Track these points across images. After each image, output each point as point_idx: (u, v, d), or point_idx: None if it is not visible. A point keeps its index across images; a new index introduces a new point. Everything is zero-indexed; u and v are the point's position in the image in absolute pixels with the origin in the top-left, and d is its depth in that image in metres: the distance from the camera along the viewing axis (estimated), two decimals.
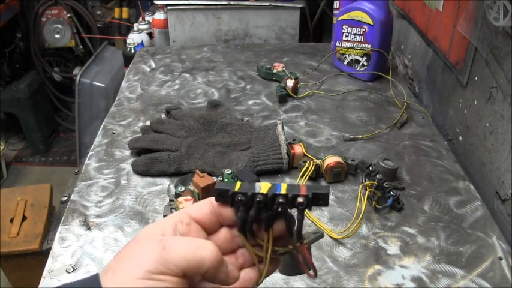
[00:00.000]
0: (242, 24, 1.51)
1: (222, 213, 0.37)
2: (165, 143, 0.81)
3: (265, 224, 0.36)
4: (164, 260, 0.32)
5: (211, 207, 0.37)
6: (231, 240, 0.37)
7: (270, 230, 0.36)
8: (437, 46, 1.03)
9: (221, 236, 0.37)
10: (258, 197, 0.35)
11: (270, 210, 0.35)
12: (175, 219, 0.36)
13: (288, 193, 0.35)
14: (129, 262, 0.32)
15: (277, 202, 0.35)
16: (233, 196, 0.35)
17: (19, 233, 1.50)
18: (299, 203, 0.35)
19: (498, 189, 0.76)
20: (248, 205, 0.35)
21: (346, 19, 1.09)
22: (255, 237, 0.37)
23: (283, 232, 0.36)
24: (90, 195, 0.75)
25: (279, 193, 0.35)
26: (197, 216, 0.36)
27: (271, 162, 0.78)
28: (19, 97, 2.48)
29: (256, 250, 0.37)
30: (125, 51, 1.55)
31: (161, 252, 0.32)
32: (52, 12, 2.68)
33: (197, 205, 0.37)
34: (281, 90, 1.04)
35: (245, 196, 0.35)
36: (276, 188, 0.35)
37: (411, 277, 0.60)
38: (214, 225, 0.37)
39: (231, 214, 0.37)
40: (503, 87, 0.74)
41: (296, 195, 0.35)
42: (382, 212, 0.72)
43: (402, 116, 0.96)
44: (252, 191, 0.35)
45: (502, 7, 0.69)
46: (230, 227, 0.38)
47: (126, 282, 0.31)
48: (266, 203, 0.35)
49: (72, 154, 2.67)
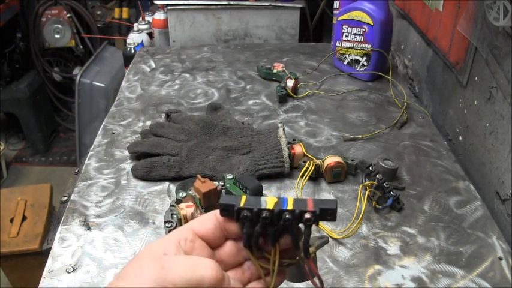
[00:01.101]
0: (242, 24, 1.51)
1: (226, 227, 0.36)
2: (165, 147, 0.81)
3: (271, 239, 0.35)
4: (162, 279, 0.31)
5: (216, 221, 0.36)
6: (237, 253, 0.37)
7: (276, 244, 0.35)
8: (437, 46, 1.03)
9: (226, 249, 0.37)
10: (264, 213, 0.34)
11: (276, 225, 0.35)
12: (179, 237, 0.35)
13: (295, 209, 0.34)
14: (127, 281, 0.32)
15: (283, 218, 0.34)
16: (239, 212, 0.35)
17: (19, 233, 1.50)
18: (306, 219, 0.34)
19: (498, 189, 0.76)
20: (254, 221, 0.35)
21: (346, 19, 1.09)
22: (261, 251, 0.36)
23: (289, 246, 0.36)
24: (90, 195, 0.75)
25: (285, 209, 0.34)
26: (201, 232, 0.36)
27: (273, 166, 0.78)
28: (19, 97, 2.48)
29: (263, 263, 0.37)
30: (125, 51, 1.55)
31: (159, 271, 0.32)
32: (52, 12, 2.68)
33: (201, 219, 0.37)
34: (281, 90, 1.04)
35: (251, 212, 0.34)
36: (283, 203, 0.35)
37: (411, 277, 0.60)
38: (219, 239, 0.37)
39: (236, 228, 0.36)
40: (503, 87, 0.74)
41: (303, 212, 0.34)
42: (382, 212, 0.72)
43: (402, 116, 0.96)
44: (258, 206, 0.34)
45: (502, 7, 0.69)
46: (235, 240, 0.37)
47: None
48: (272, 219, 0.34)
49: (72, 154, 2.68)
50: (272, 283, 0.37)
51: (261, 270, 0.37)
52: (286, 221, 0.34)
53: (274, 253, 0.36)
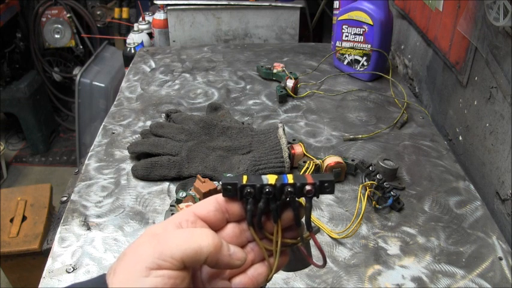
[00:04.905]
0: (242, 24, 1.51)
1: (228, 209, 0.37)
2: (165, 147, 0.81)
3: (273, 215, 0.36)
4: (159, 253, 0.31)
5: (217, 204, 0.37)
6: (239, 235, 0.37)
7: (278, 221, 0.36)
8: (437, 46, 1.03)
9: (228, 231, 0.37)
10: (267, 188, 0.35)
11: (279, 200, 0.35)
12: (180, 219, 0.35)
13: (295, 182, 0.35)
14: (127, 261, 0.32)
15: (285, 192, 0.35)
16: (242, 189, 0.35)
17: (19, 233, 1.50)
18: (307, 191, 0.35)
19: (498, 189, 0.76)
20: (257, 197, 0.35)
21: (346, 19, 1.09)
22: (263, 230, 0.37)
23: (291, 222, 0.36)
24: (90, 195, 0.75)
25: (287, 183, 0.35)
26: (202, 214, 0.36)
27: (273, 166, 0.78)
28: (19, 97, 2.48)
29: (266, 244, 0.37)
30: (125, 51, 1.54)
31: (156, 246, 0.32)
32: (52, 12, 2.68)
33: (202, 203, 0.37)
34: (281, 90, 1.04)
35: (254, 188, 0.35)
36: (283, 178, 0.36)
37: (411, 277, 0.60)
38: (220, 221, 0.37)
39: (238, 209, 0.37)
40: (503, 87, 0.74)
41: (304, 184, 0.35)
42: (382, 212, 0.72)
43: (402, 116, 0.96)
44: (260, 182, 0.35)
45: (502, 7, 0.69)
46: (237, 222, 0.37)
47: (127, 281, 0.31)
48: (275, 194, 0.35)
49: (72, 154, 2.68)
50: (275, 264, 0.37)
51: (265, 250, 0.37)
52: (288, 194, 0.35)
53: (277, 232, 0.36)
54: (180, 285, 0.32)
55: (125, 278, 0.31)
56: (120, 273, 0.32)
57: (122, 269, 0.32)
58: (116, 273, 0.32)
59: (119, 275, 0.32)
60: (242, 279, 0.37)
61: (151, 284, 0.31)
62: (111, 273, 0.32)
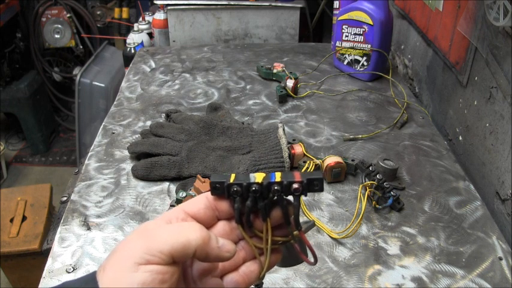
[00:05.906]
0: (242, 24, 1.51)
1: (218, 207, 0.37)
2: (165, 147, 0.81)
3: (262, 214, 0.36)
4: (148, 248, 0.31)
5: (206, 201, 0.37)
6: (230, 232, 0.37)
7: (267, 219, 0.36)
8: (437, 46, 1.03)
9: (219, 229, 0.37)
10: (254, 187, 0.35)
11: (266, 199, 0.35)
12: (170, 216, 0.36)
13: (283, 180, 0.35)
14: (116, 257, 0.32)
15: (272, 190, 0.35)
16: (229, 187, 0.35)
17: (19, 233, 1.50)
18: (295, 189, 0.35)
19: (498, 189, 0.76)
20: (244, 196, 0.35)
21: (346, 19, 1.09)
22: (252, 228, 0.37)
23: (280, 220, 0.36)
24: (90, 195, 0.75)
25: (273, 181, 0.35)
26: (192, 211, 0.36)
27: (273, 166, 0.78)
28: (19, 97, 2.48)
29: (256, 242, 0.37)
30: (125, 51, 1.54)
31: (145, 242, 0.32)
32: (52, 12, 2.68)
33: (192, 200, 0.37)
34: (281, 90, 1.04)
35: (241, 187, 0.35)
36: (271, 176, 0.36)
37: (411, 277, 0.60)
38: (211, 219, 0.37)
39: (228, 207, 0.37)
40: (503, 87, 0.74)
41: (291, 182, 0.35)
42: (382, 212, 0.72)
43: (402, 116, 0.96)
44: (247, 181, 0.35)
45: (502, 7, 0.69)
46: (227, 220, 0.38)
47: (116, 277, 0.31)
48: (262, 192, 0.35)
49: (72, 154, 2.68)
50: (266, 261, 0.37)
51: (255, 248, 0.37)
52: (275, 193, 0.35)
53: (266, 230, 0.36)
54: (169, 280, 0.32)
55: (114, 274, 0.31)
56: (109, 270, 0.32)
57: (111, 266, 0.32)
58: (106, 270, 0.32)
59: (109, 271, 0.32)
60: (234, 276, 0.37)
61: (140, 279, 0.31)
62: (101, 270, 0.32)
